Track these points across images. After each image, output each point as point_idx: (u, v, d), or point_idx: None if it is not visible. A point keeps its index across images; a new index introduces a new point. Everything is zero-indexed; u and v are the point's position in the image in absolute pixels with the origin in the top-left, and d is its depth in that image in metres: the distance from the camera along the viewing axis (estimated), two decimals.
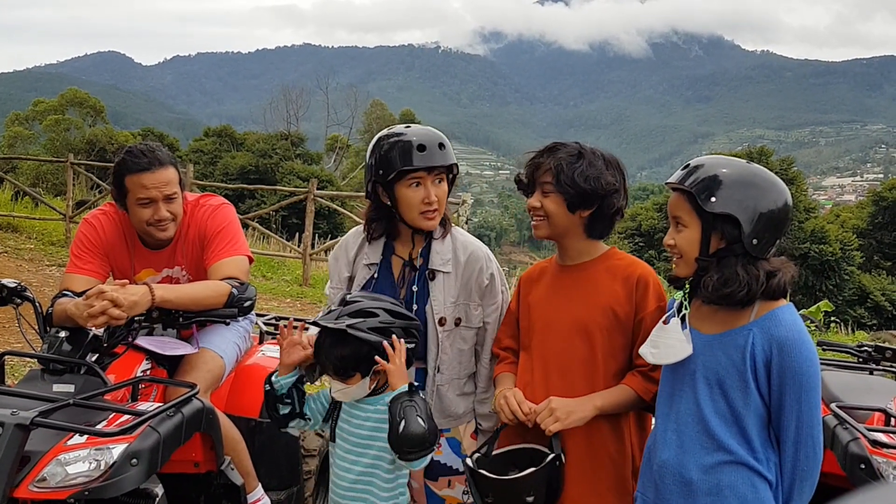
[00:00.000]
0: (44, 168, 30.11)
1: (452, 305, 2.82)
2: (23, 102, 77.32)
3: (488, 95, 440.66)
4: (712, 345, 2.27)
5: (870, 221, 38.55)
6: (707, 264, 2.24)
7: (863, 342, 4.97)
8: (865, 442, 2.84)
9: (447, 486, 2.91)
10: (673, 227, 2.32)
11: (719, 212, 2.18)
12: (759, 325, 2.21)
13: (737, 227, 2.19)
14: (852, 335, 13.46)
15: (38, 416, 2.36)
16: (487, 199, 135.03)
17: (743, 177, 2.23)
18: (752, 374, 2.20)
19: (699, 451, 2.26)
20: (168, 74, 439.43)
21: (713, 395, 2.25)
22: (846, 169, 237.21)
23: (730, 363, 2.22)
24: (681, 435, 2.30)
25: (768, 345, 2.18)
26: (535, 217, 2.62)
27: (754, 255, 2.20)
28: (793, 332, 2.18)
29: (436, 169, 2.72)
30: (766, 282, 2.19)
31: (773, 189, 2.24)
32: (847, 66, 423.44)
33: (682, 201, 2.27)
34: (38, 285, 10.07)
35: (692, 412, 2.28)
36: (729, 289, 2.19)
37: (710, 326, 2.30)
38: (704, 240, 2.24)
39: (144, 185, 3.15)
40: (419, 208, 2.72)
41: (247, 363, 3.67)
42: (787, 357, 2.16)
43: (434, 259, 2.84)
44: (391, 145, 2.71)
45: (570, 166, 2.52)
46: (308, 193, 13.50)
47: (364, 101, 59.15)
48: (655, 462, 2.35)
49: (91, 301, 2.69)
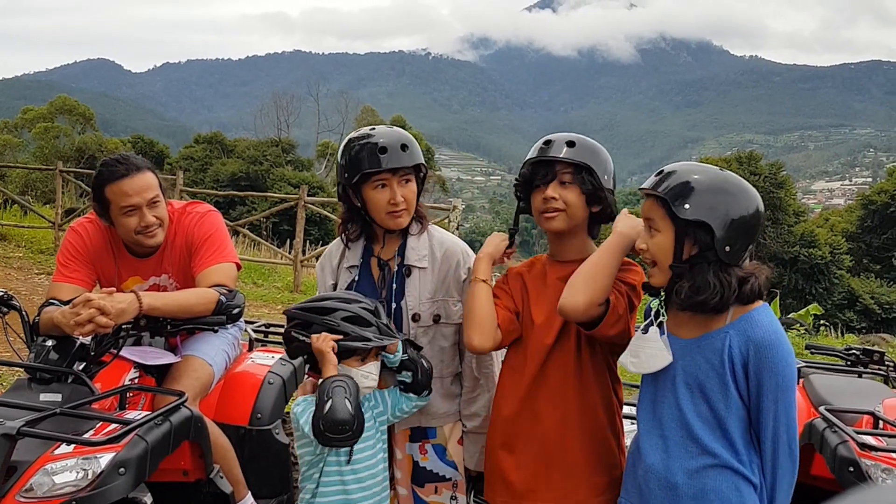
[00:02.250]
0: (33, 176, 30.03)
1: (429, 301, 2.84)
2: (12, 110, 77.03)
3: (479, 101, 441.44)
4: (690, 349, 2.28)
5: (859, 225, 38.65)
6: (681, 271, 2.25)
7: (851, 345, 4.99)
8: (854, 445, 2.86)
9: (434, 492, 2.91)
10: (646, 231, 2.33)
11: (692, 218, 2.20)
12: (735, 328, 2.22)
13: (709, 234, 2.19)
14: (842, 338, 13.48)
15: (25, 425, 2.35)
16: (479, 205, 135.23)
17: (715, 183, 2.24)
18: (731, 377, 2.21)
19: (684, 456, 2.27)
20: (158, 81, 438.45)
21: (695, 399, 2.26)
22: (835, 173, 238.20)
23: (708, 366, 2.24)
24: (665, 440, 2.31)
25: (745, 346, 2.19)
26: (550, 210, 2.60)
27: (727, 262, 2.21)
28: (769, 333, 2.19)
29: (400, 170, 2.75)
30: (739, 288, 2.21)
31: (745, 195, 2.25)
32: (835, 71, 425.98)
33: (656, 206, 2.28)
34: (26, 294, 10.01)
35: (675, 417, 2.29)
36: (701, 296, 2.20)
37: (687, 331, 2.31)
38: (678, 246, 2.25)
39: (126, 192, 3.14)
40: (386, 209, 2.76)
41: (236, 370, 3.66)
42: (763, 357, 2.17)
43: (409, 255, 2.87)
44: (356, 148, 2.75)
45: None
46: (299, 200, 13.50)
47: (355, 108, 59.25)
48: (640, 467, 2.36)
49: (78, 309, 2.67)
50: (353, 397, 2.48)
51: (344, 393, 2.47)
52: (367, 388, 2.63)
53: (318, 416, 2.45)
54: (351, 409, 2.45)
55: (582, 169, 2.54)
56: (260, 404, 3.55)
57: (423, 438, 2.91)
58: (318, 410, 2.46)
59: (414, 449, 2.93)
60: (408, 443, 2.92)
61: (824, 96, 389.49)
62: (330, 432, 2.44)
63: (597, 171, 2.54)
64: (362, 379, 2.60)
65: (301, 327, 2.65)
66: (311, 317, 2.64)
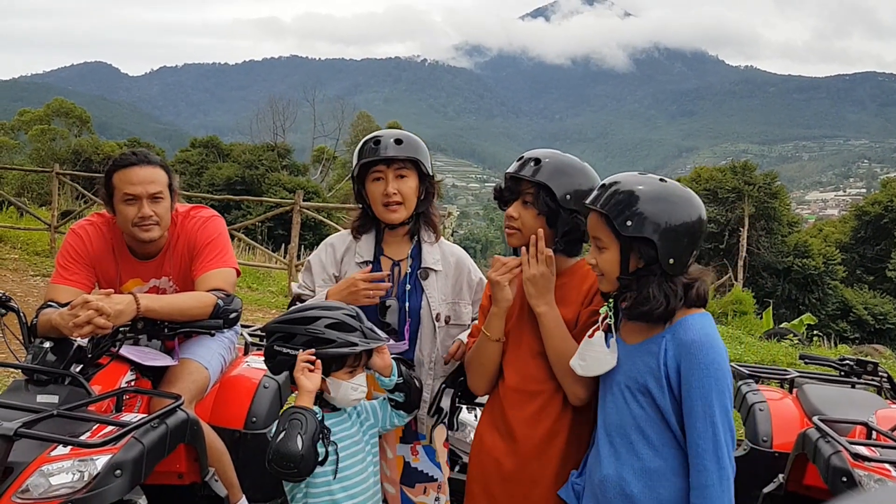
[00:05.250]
0: (29, 178, 29.93)
1: (445, 303, 2.95)
2: (8, 112, 76.99)
3: (474, 108, 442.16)
4: (633, 354, 2.30)
5: (852, 236, 38.77)
6: (628, 282, 2.27)
7: (845, 356, 5.02)
8: (847, 455, 2.87)
9: (423, 492, 2.96)
10: (594, 248, 2.34)
11: (635, 235, 2.21)
12: (671, 332, 2.24)
13: (653, 248, 2.21)
14: (835, 349, 13.51)
15: (22, 426, 2.34)
16: (473, 212, 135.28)
17: (657, 196, 2.23)
18: (666, 381, 2.22)
19: (634, 461, 2.27)
20: (155, 85, 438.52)
21: (640, 404, 2.27)
22: (829, 183, 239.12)
23: (647, 370, 2.25)
24: (615, 447, 2.31)
25: (677, 349, 2.21)
26: (510, 228, 2.63)
27: (671, 273, 2.23)
28: (699, 335, 2.20)
29: (394, 163, 2.86)
30: (685, 294, 2.24)
31: (687, 206, 2.26)
32: (829, 82, 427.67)
33: (600, 223, 2.29)
34: (22, 295, 9.99)
35: (622, 422, 2.30)
36: (646, 307, 2.22)
37: (633, 336, 2.34)
38: (623, 260, 2.27)
39: (130, 180, 3.16)
40: (381, 200, 2.88)
41: (232, 374, 3.67)
42: (692, 357, 2.18)
43: (426, 258, 2.97)
44: (361, 145, 2.93)
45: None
46: (294, 205, 13.50)
47: (351, 113, 59.15)
48: (597, 477, 2.35)
49: (77, 311, 2.67)
50: (307, 434, 2.36)
51: (299, 428, 2.37)
52: (355, 399, 2.59)
53: (270, 446, 2.38)
54: (300, 446, 2.34)
55: (541, 189, 2.53)
56: (255, 408, 3.55)
57: (414, 440, 2.97)
58: (272, 439, 2.39)
59: (405, 450, 2.97)
60: (399, 444, 2.97)
61: (819, 107, 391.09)
62: (276, 464, 2.36)
63: (556, 192, 2.51)
64: (351, 392, 2.55)
65: (283, 340, 2.56)
66: (294, 328, 2.56)
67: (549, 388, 2.56)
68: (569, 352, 2.46)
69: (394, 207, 2.87)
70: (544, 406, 2.56)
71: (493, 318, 2.64)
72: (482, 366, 2.69)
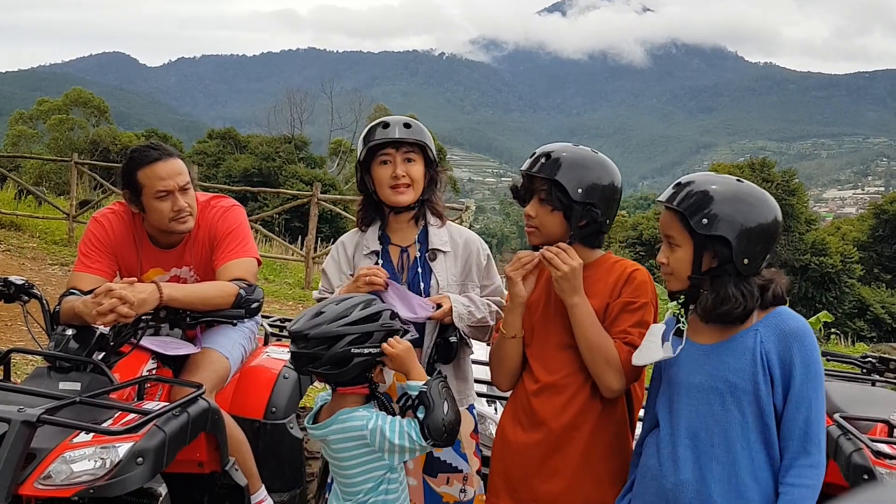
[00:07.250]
0: (47, 167, 30.17)
1: (455, 284, 2.93)
2: (27, 101, 77.35)
3: (491, 102, 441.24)
4: (713, 354, 2.27)
5: (870, 234, 38.55)
6: (699, 282, 2.26)
7: (867, 353, 4.98)
8: (868, 453, 2.85)
9: (446, 483, 2.93)
10: (666, 246, 2.33)
11: (710, 233, 2.20)
12: (764, 324, 2.22)
13: (728, 248, 2.20)
14: (852, 347, 13.46)
15: (45, 413, 2.36)
16: (489, 206, 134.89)
17: (734, 196, 2.23)
18: (763, 374, 2.19)
19: (715, 467, 2.23)
20: (173, 76, 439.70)
21: (727, 406, 2.23)
22: (847, 181, 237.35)
23: (737, 368, 2.22)
24: (696, 451, 2.26)
25: (778, 339, 2.19)
26: (528, 226, 2.65)
27: (745, 274, 2.21)
28: (801, 324, 2.21)
29: (402, 146, 2.87)
30: (761, 296, 2.23)
31: (764, 207, 2.25)
32: (850, 80, 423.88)
33: (674, 220, 2.28)
34: (40, 284, 10.01)
35: (709, 426, 2.25)
36: (726, 307, 2.21)
37: (706, 337, 2.31)
38: (696, 259, 2.25)
39: (160, 175, 3.16)
40: (388, 183, 2.88)
41: (252, 364, 3.68)
42: (802, 343, 2.17)
43: (434, 240, 2.97)
44: (367, 129, 2.96)
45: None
46: (312, 197, 13.53)
47: (368, 106, 59.18)
48: (670, 481, 2.29)
49: (100, 299, 2.69)
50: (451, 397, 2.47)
51: (450, 392, 2.47)
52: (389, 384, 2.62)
53: (440, 418, 2.39)
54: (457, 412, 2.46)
55: (553, 185, 2.53)
56: (275, 398, 3.57)
57: None
58: (433, 412, 2.39)
59: None
60: None
61: (838, 104, 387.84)
62: (450, 434, 2.41)
63: (566, 187, 2.50)
64: (390, 378, 2.63)
65: (358, 343, 2.42)
66: (368, 326, 2.45)
67: (576, 382, 2.56)
68: (602, 342, 2.46)
69: (402, 189, 2.88)
70: (570, 399, 2.55)
71: (508, 314, 2.66)
72: (502, 362, 2.71)
